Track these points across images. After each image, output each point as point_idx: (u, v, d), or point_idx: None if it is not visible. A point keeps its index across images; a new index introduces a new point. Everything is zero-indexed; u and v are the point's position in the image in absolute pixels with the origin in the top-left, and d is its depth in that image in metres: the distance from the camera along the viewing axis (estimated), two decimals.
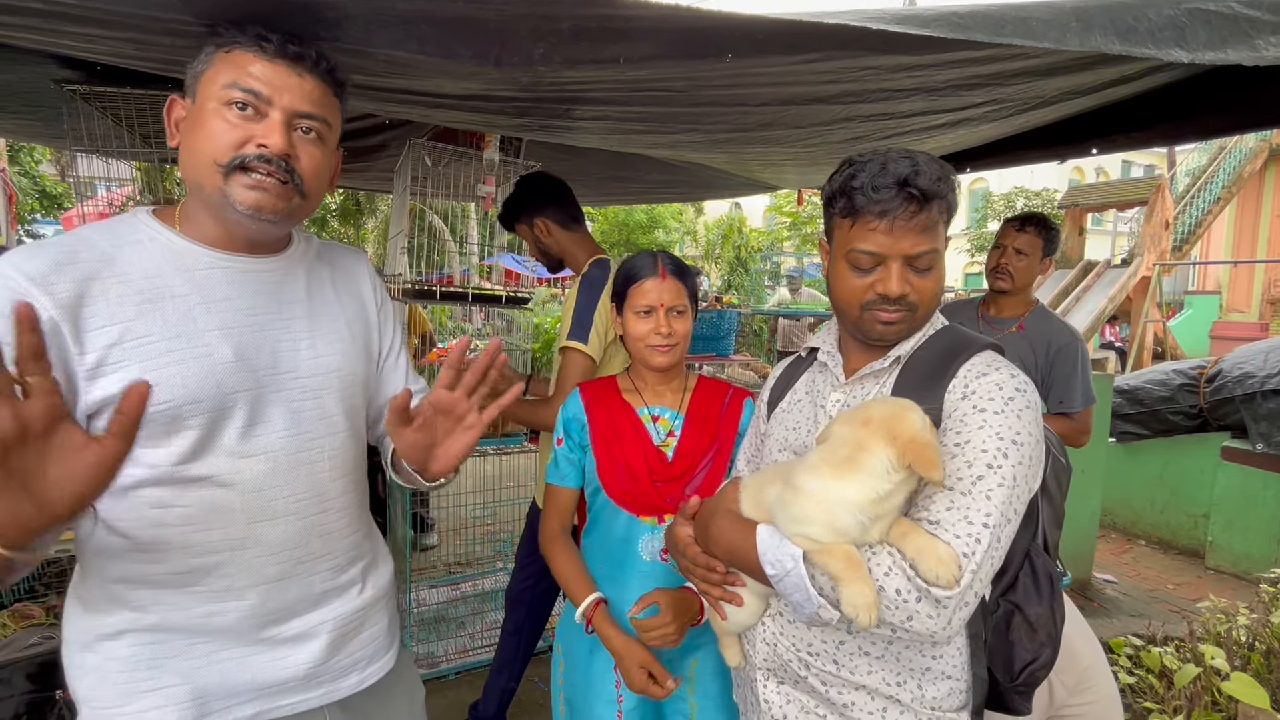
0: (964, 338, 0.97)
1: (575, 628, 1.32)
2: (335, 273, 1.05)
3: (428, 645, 2.67)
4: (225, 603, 0.88)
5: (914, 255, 0.91)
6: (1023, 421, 0.84)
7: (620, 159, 3.25)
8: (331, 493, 0.97)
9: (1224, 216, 12.45)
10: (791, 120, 1.61)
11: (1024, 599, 0.96)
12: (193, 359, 0.83)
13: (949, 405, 0.89)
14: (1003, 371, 0.89)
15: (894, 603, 0.77)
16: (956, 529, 0.78)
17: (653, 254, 1.35)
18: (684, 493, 1.28)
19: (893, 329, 0.95)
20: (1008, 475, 0.80)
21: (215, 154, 0.84)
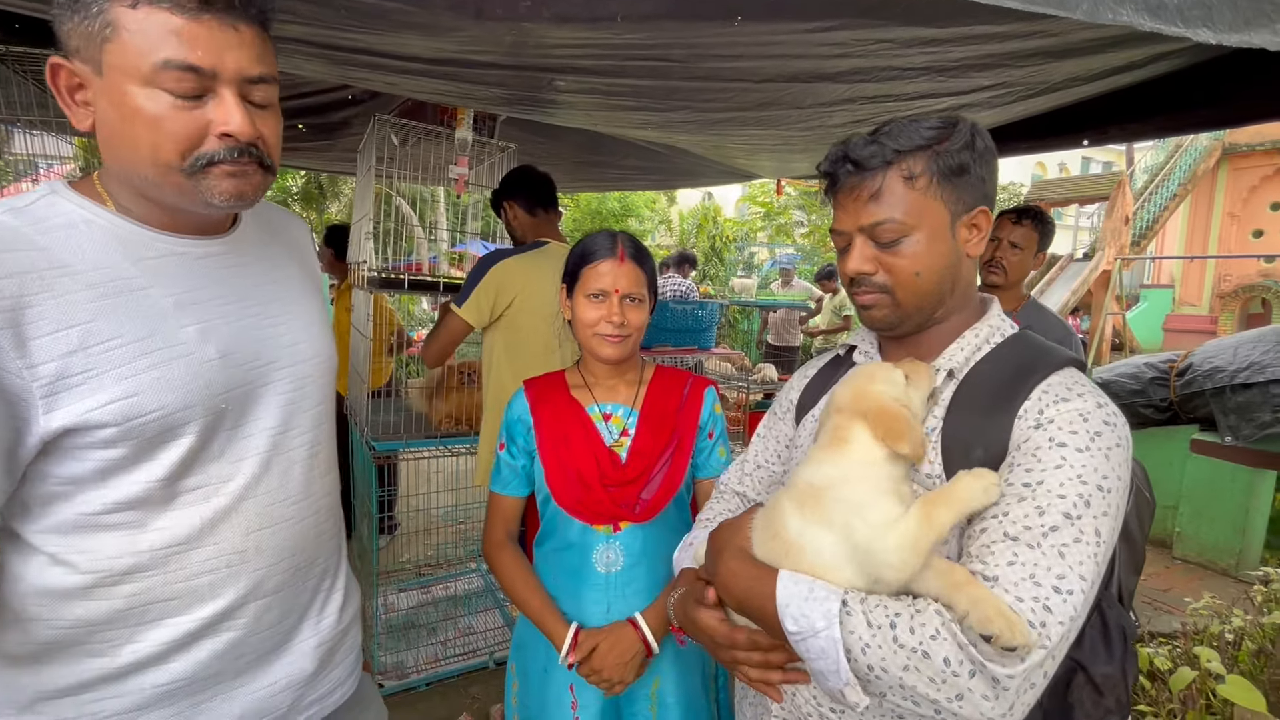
0: (1037, 350, 0.81)
1: (529, 646, 1.25)
2: (288, 247, 0.94)
3: (396, 655, 2.52)
4: (218, 627, 0.78)
5: (869, 227, 0.81)
6: (1111, 463, 0.69)
7: (597, 143, 3.12)
8: (320, 491, 0.90)
9: (1179, 213, 12.86)
10: (793, 100, 1.51)
11: (1090, 656, 0.80)
12: (175, 360, 0.73)
13: (1019, 434, 0.73)
14: (1088, 398, 0.73)
15: (940, 676, 0.62)
16: (1020, 589, 0.62)
17: (611, 234, 1.21)
18: (639, 496, 1.17)
19: (872, 314, 0.85)
20: (1088, 529, 0.65)
21: (168, 156, 0.70)
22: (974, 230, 0.83)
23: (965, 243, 0.82)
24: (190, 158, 0.70)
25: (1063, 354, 0.80)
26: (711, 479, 1.27)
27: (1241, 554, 3.54)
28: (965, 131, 0.80)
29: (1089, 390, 0.75)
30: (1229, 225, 12.84)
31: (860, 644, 0.65)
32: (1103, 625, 0.82)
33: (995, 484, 0.67)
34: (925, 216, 0.80)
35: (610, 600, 1.18)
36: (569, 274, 1.22)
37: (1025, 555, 0.64)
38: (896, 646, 0.63)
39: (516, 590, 1.21)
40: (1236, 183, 12.70)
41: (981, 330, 0.85)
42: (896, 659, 0.63)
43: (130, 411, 0.69)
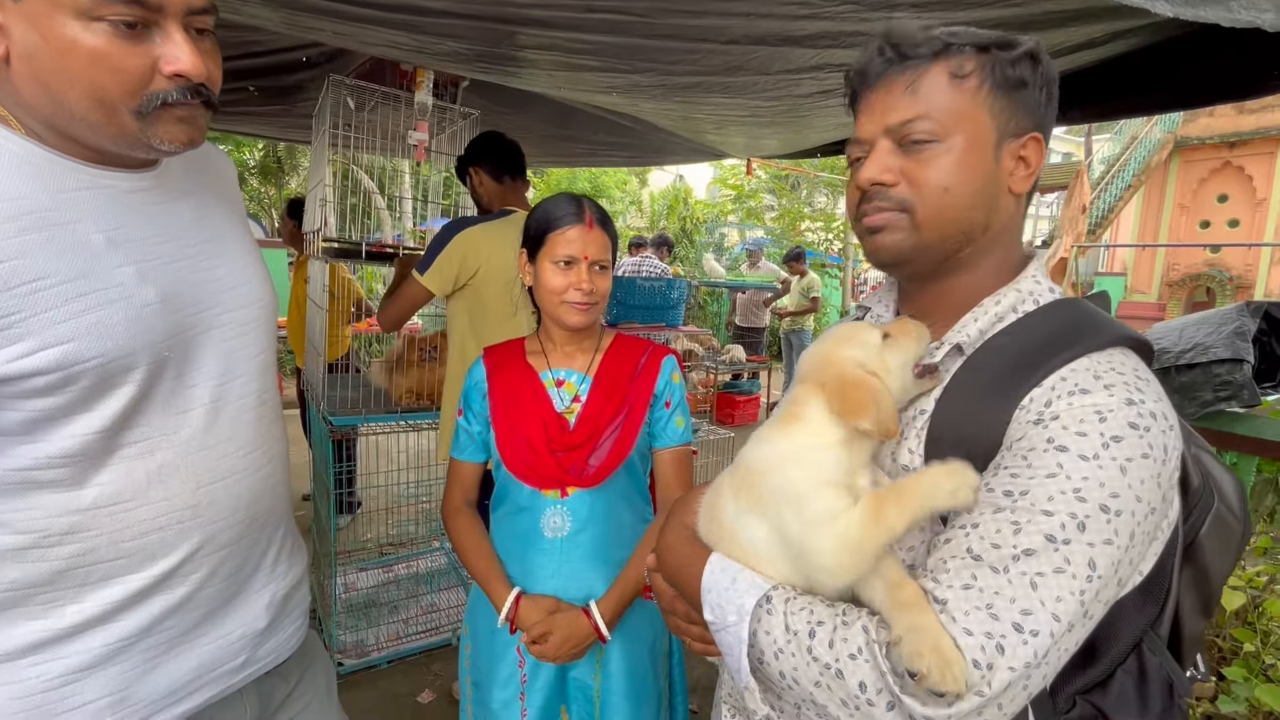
0: (1080, 321, 0.64)
1: (479, 609, 1.25)
2: (215, 183, 0.87)
3: (357, 633, 2.48)
4: (171, 583, 0.74)
5: (898, 125, 0.65)
6: (1129, 478, 0.54)
7: (566, 115, 3.05)
8: (272, 439, 0.86)
9: (1133, 203, 13.33)
10: (760, 65, 1.48)
11: (1117, 707, 0.63)
12: (113, 303, 0.67)
13: (1015, 428, 0.59)
14: (1116, 392, 0.57)
15: (853, 701, 0.53)
16: (971, 620, 0.51)
17: (575, 198, 1.19)
18: (587, 462, 1.17)
19: (882, 239, 0.68)
20: (1077, 558, 0.52)
21: (117, 95, 0.64)
22: (1021, 163, 0.68)
23: (1009, 174, 0.67)
24: (141, 97, 0.65)
25: (1112, 330, 0.62)
26: (670, 449, 1.26)
27: None
28: (1032, 44, 0.66)
29: (1124, 381, 0.58)
30: (1179, 216, 13.35)
31: (774, 648, 0.58)
32: (1140, 673, 0.64)
33: (970, 485, 0.55)
34: (967, 124, 0.65)
35: (557, 565, 1.18)
36: (531, 239, 1.19)
37: (986, 580, 0.52)
38: (811, 659, 0.56)
39: (467, 554, 1.22)
40: (1187, 175, 13.20)
41: (1007, 296, 0.68)
42: (809, 672, 0.56)
43: (66, 359, 0.64)
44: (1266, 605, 1.65)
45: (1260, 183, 12.33)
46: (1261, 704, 1.44)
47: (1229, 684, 1.55)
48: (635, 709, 1.20)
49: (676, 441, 1.26)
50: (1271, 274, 11.90)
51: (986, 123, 0.66)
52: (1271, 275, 11.87)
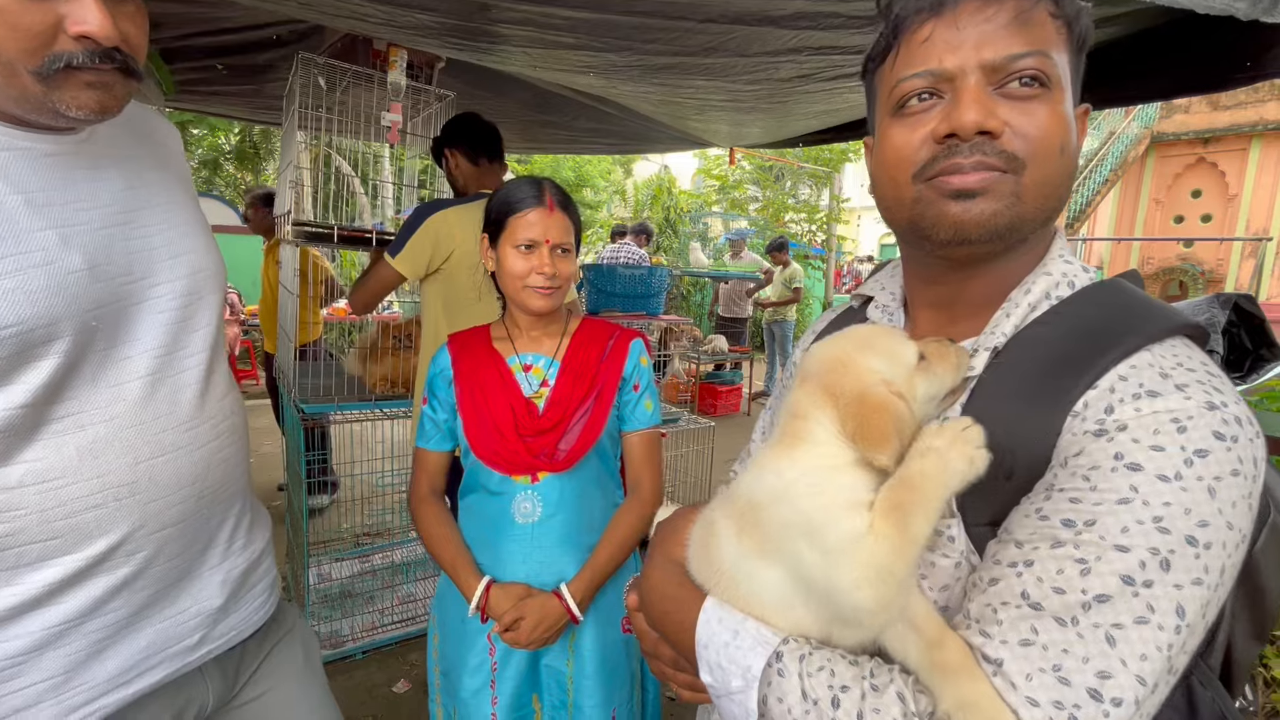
0: (1125, 309, 0.54)
1: (447, 597, 1.23)
2: (159, 150, 0.83)
3: (331, 624, 2.45)
4: (112, 563, 0.71)
5: (1005, 61, 0.52)
6: (1218, 502, 0.44)
7: (545, 101, 3.01)
8: (220, 413, 0.82)
9: (1110, 198, 13.53)
10: (738, 46, 1.46)
11: None
12: (32, 268, 0.63)
13: (1069, 442, 0.49)
14: (1193, 394, 0.47)
15: None
16: (1035, 686, 0.42)
17: (536, 180, 1.17)
18: (557, 446, 1.16)
19: (977, 206, 0.53)
20: (1163, 605, 0.43)
21: (16, 55, 0.60)
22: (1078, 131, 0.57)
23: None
24: (42, 58, 0.60)
25: (1170, 316, 0.52)
26: (638, 431, 1.25)
27: None
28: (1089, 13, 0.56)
29: (1198, 380, 0.48)
30: (1154, 210, 13.58)
31: (788, 717, 0.49)
32: (1189, 708, 0.55)
33: (980, 448, 0.47)
34: (1064, 76, 0.53)
35: (528, 550, 1.17)
36: (492, 223, 1.18)
37: (1051, 634, 0.43)
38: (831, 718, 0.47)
39: (433, 543, 1.20)
40: (1162, 170, 13.41)
41: (1037, 283, 0.57)
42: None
43: None
44: None
45: (1232, 179, 12.57)
46: None
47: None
48: (608, 691, 1.20)
49: (645, 424, 1.26)
50: (1242, 268, 12.16)
51: (1070, 81, 0.55)
52: (1242, 269, 12.14)
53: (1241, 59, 1.79)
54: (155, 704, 0.78)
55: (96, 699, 0.72)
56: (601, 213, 13.50)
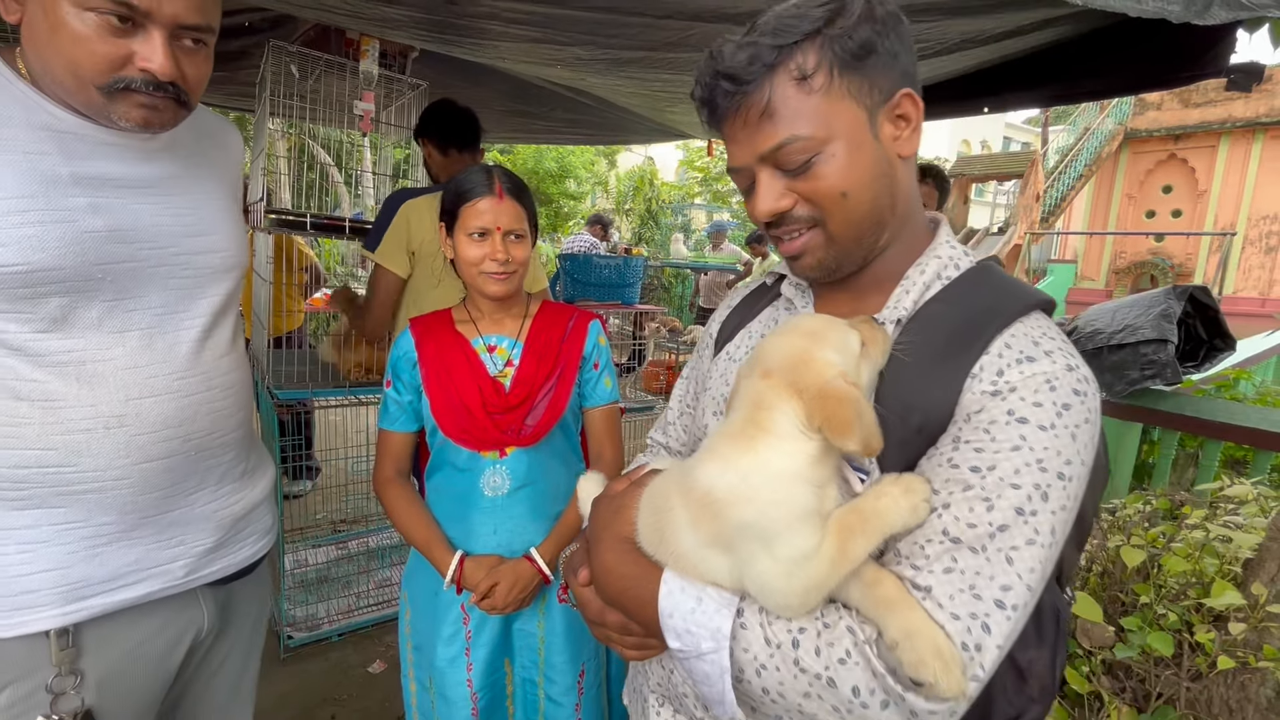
0: (1003, 289, 0.65)
1: (418, 573, 1.28)
2: (218, 152, 0.99)
3: (307, 607, 2.48)
4: (102, 484, 0.82)
5: (769, 153, 0.64)
6: (1078, 444, 0.56)
7: (522, 92, 3.02)
8: (214, 371, 0.93)
9: (1084, 192, 13.78)
10: (699, 41, 1.51)
11: (1019, 645, 0.64)
12: (54, 223, 0.76)
13: (969, 400, 0.59)
14: (1057, 359, 0.58)
15: (846, 706, 0.52)
16: (957, 604, 0.51)
17: (486, 169, 1.22)
18: (524, 422, 1.22)
19: (804, 263, 0.69)
20: (1043, 527, 0.53)
21: (88, 72, 0.75)
22: (901, 122, 0.66)
23: (894, 140, 0.66)
24: (110, 78, 0.76)
25: (1029, 294, 0.65)
26: (600, 407, 1.32)
27: (1110, 498, 3.95)
28: (859, 1, 0.62)
29: (1058, 346, 0.60)
30: (1127, 205, 13.86)
31: (755, 664, 0.55)
32: (1036, 609, 0.64)
33: (925, 501, 0.55)
34: (835, 121, 0.62)
35: (498, 522, 1.22)
36: (446, 212, 1.22)
37: (966, 561, 0.52)
38: (798, 670, 0.54)
39: (403, 522, 1.24)
40: (1135, 166, 13.68)
41: (930, 264, 0.68)
42: (797, 685, 0.54)
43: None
44: (1163, 561, 1.78)
45: (1202, 175, 12.87)
46: (1152, 649, 1.56)
47: (1127, 634, 1.68)
48: (576, 649, 1.27)
49: (605, 400, 1.33)
50: (1210, 262, 12.48)
51: (853, 108, 0.63)
52: (1210, 263, 12.46)
53: (1184, 60, 1.88)
54: (158, 615, 0.91)
55: (92, 597, 0.84)
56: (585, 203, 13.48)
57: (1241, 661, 1.47)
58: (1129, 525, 2.07)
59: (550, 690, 1.27)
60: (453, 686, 1.22)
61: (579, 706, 1.27)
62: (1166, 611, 1.68)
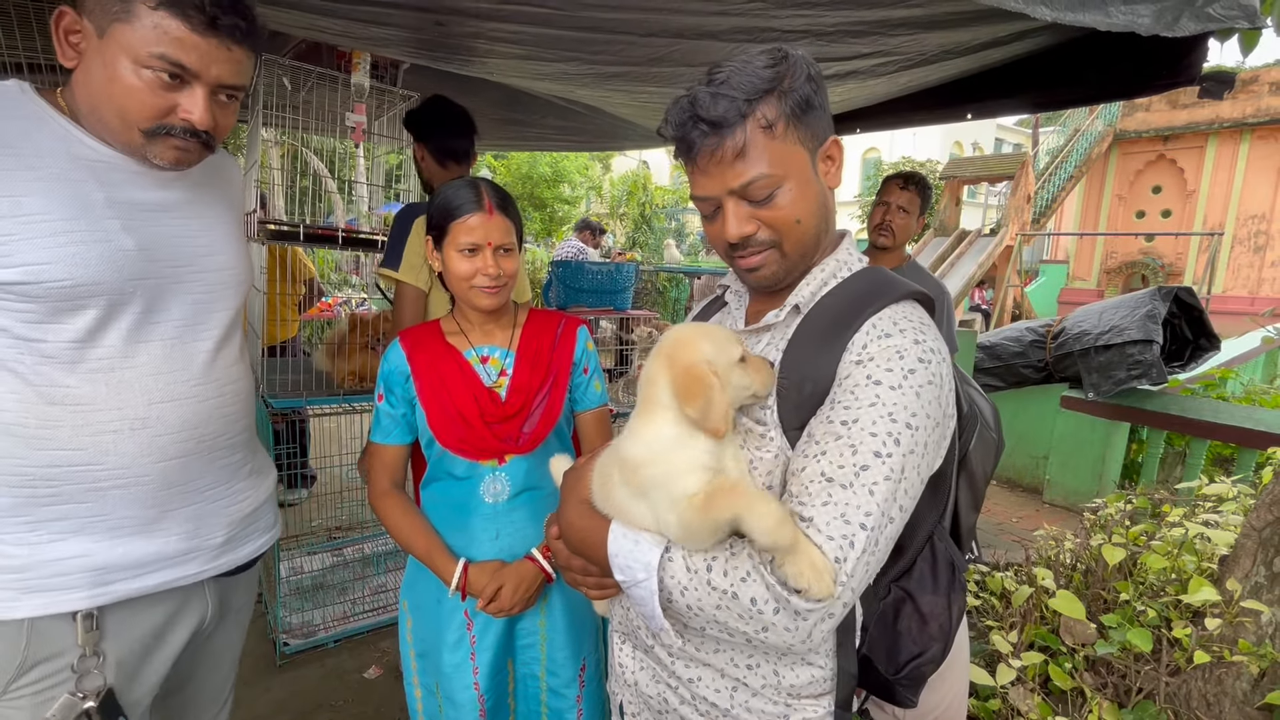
0: (882, 283, 0.81)
1: (420, 581, 1.29)
2: (224, 183, 1.09)
3: (303, 614, 2.50)
4: (125, 480, 0.90)
5: (740, 188, 0.77)
6: (921, 400, 0.71)
7: (514, 100, 3.05)
8: (225, 378, 1.02)
9: (1074, 193, 13.88)
10: (682, 57, 1.54)
11: (918, 587, 0.82)
12: (93, 242, 0.85)
13: (843, 369, 0.74)
14: (908, 335, 0.74)
15: (748, 613, 0.67)
16: (832, 528, 0.66)
17: (473, 183, 1.23)
18: (521, 430, 1.24)
19: (761, 274, 0.83)
20: (896, 467, 0.68)
21: (135, 118, 0.85)
22: (829, 162, 0.82)
23: (825, 175, 0.82)
24: (154, 124, 0.86)
25: (904, 286, 0.80)
26: (592, 410, 1.36)
27: (1098, 497, 3.99)
28: (801, 64, 0.77)
29: (913, 326, 0.75)
30: (1117, 206, 13.97)
31: (679, 587, 0.71)
32: (933, 559, 0.84)
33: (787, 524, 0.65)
34: (791, 163, 0.77)
35: (499, 527, 1.24)
36: (434, 227, 1.23)
37: (839, 495, 0.67)
38: (710, 589, 0.68)
39: (403, 534, 1.25)
40: (1125, 167, 13.80)
41: (828, 265, 0.84)
42: (710, 599, 0.69)
43: (41, 275, 0.82)
44: (1143, 559, 1.82)
45: (1191, 175, 12.99)
46: (1132, 645, 1.60)
47: (1108, 631, 1.72)
48: (576, 640, 1.30)
49: (596, 403, 1.36)
50: (1199, 261, 12.58)
51: (801, 152, 0.78)
52: (1199, 263, 12.56)
53: (1158, 68, 1.92)
54: (169, 603, 1.00)
55: (116, 583, 0.92)
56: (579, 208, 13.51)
57: (1217, 656, 1.51)
58: (1110, 524, 2.11)
59: (552, 682, 1.30)
60: (460, 690, 1.24)
61: (580, 698, 1.30)
62: (1146, 608, 1.72)
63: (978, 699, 1.71)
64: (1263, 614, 1.52)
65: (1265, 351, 5.33)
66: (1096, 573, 1.94)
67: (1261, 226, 12.32)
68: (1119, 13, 1.37)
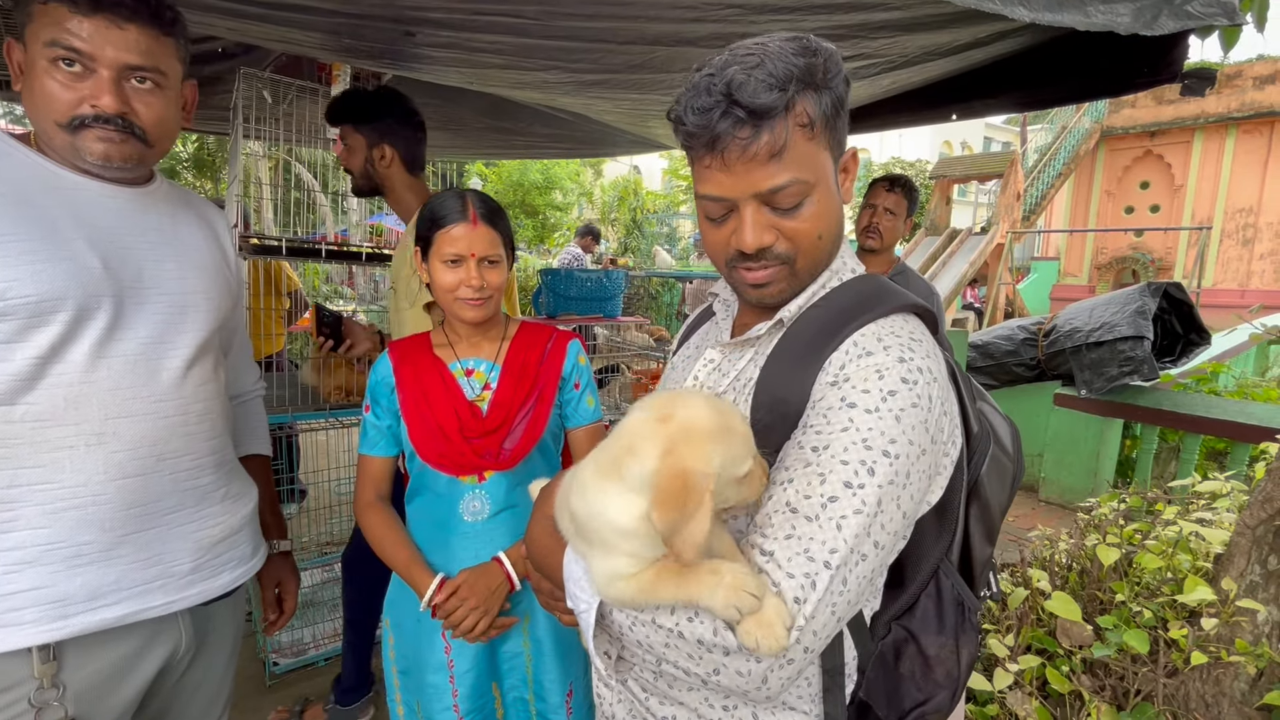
0: (870, 295, 0.73)
1: (401, 600, 1.27)
2: (198, 219, 1.09)
3: (293, 632, 2.47)
4: (82, 499, 0.89)
5: (768, 192, 0.67)
6: (903, 425, 0.62)
7: (500, 108, 3.04)
8: (192, 397, 1.00)
9: (1064, 190, 13.97)
10: (661, 64, 1.53)
11: (921, 626, 0.73)
12: (58, 260, 0.86)
13: (817, 390, 0.67)
14: (892, 351, 0.66)
15: (696, 653, 0.61)
16: (793, 565, 0.59)
17: (460, 194, 1.21)
18: (502, 446, 1.22)
19: (767, 291, 0.74)
20: (869, 499, 0.60)
21: (54, 115, 0.88)
22: (846, 175, 0.74)
23: (842, 188, 0.74)
24: (69, 117, 0.88)
25: (897, 297, 0.72)
26: (583, 427, 1.33)
27: (1093, 493, 3.99)
28: (836, 59, 0.67)
29: (900, 342, 0.67)
30: (1106, 202, 14.05)
31: (627, 622, 0.65)
32: (938, 596, 0.74)
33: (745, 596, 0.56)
34: (821, 170, 0.69)
35: (479, 547, 1.22)
36: (421, 238, 1.22)
37: (803, 528, 0.60)
38: (655, 627, 0.63)
39: (385, 547, 1.23)
40: (1112, 163, 13.88)
41: (821, 275, 0.77)
42: (658, 636, 0.63)
43: (8, 293, 0.83)
44: (1138, 558, 1.81)
45: (1178, 170, 13.07)
46: (1129, 647, 1.58)
47: (1104, 632, 1.70)
48: (563, 663, 1.27)
49: (589, 420, 1.33)
50: (1189, 256, 12.66)
51: (827, 160, 0.70)
52: (1189, 257, 12.63)
53: (1140, 66, 1.92)
54: (136, 634, 0.96)
55: (74, 615, 0.89)
56: (570, 214, 13.51)
57: (1215, 656, 1.50)
58: (1104, 524, 2.10)
59: (540, 707, 1.27)
60: (440, 712, 1.22)
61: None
62: (1142, 609, 1.70)
63: (975, 704, 1.69)
64: (1259, 613, 1.51)
65: (1254, 345, 5.35)
66: (1092, 573, 1.93)
67: (1249, 220, 12.41)
68: (1097, 12, 1.37)
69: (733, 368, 0.80)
